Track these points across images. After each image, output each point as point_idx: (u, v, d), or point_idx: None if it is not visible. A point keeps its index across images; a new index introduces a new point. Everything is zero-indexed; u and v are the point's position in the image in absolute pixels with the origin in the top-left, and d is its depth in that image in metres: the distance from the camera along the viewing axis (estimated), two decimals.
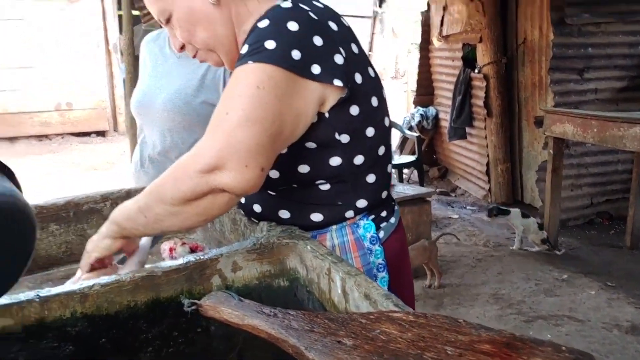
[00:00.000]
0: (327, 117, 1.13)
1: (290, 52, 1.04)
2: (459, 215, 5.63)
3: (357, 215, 1.23)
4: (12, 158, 8.20)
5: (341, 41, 1.14)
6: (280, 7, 1.12)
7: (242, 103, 1.02)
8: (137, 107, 2.14)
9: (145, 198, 1.10)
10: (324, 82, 1.08)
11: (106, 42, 9.30)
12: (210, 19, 1.19)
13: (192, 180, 1.02)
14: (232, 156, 1.00)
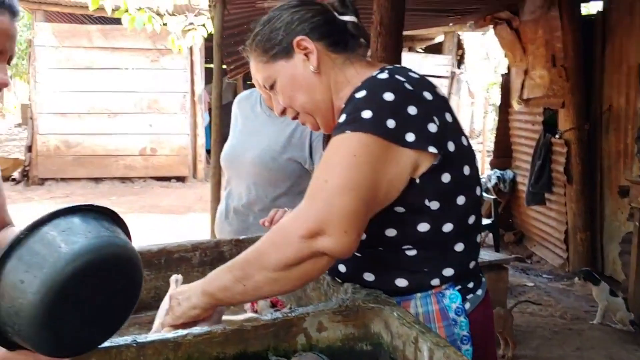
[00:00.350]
0: (417, 182, 1.15)
1: (386, 121, 1.09)
2: (534, 284, 5.42)
3: (443, 284, 1.23)
4: (96, 198, 8.65)
5: (435, 110, 1.17)
6: (377, 78, 1.18)
7: (340, 171, 1.07)
8: (226, 160, 2.25)
9: (241, 266, 1.13)
10: (417, 149, 1.12)
11: (192, 93, 9.78)
12: (311, 85, 1.27)
13: (294, 245, 1.06)
14: (332, 222, 1.05)
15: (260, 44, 1.30)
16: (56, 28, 9.08)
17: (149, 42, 9.18)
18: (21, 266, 0.87)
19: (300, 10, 1.30)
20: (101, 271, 0.93)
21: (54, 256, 0.88)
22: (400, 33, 3.01)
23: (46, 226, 0.91)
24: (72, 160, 9.41)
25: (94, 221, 0.95)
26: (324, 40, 1.27)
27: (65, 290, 0.88)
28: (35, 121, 9.25)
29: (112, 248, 0.94)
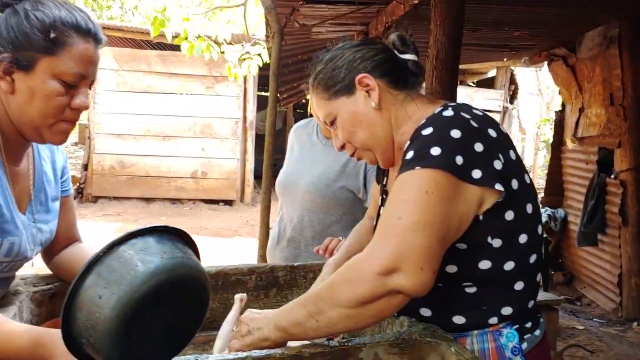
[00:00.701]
0: (481, 219, 1.15)
1: (455, 158, 1.10)
2: (584, 327, 5.23)
3: (501, 322, 1.22)
4: (147, 217, 8.87)
5: (500, 148, 1.18)
6: (443, 115, 1.19)
7: (413, 207, 1.08)
8: (281, 186, 2.29)
9: (314, 302, 1.13)
10: (483, 186, 1.12)
11: (244, 120, 9.99)
12: (372, 121, 1.30)
13: (370, 282, 1.05)
14: (407, 259, 1.04)
15: (322, 82, 1.34)
16: (117, 52, 9.46)
17: (205, 69, 9.46)
18: (100, 282, 0.92)
19: (363, 48, 1.34)
20: (173, 291, 0.97)
21: (130, 274, 0.92)
22: (456, 67, 3.03)
23: (124, 245, 0.95)
24: (126, 180, 9.71)
25: (168, 242, 0.99)
26: (385, 78, 1.31)
27: (139, 308, 0.92)
28: (93, 141, 9.60)
29: (185, 269, 0.98)
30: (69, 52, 1.18)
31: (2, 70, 1.17)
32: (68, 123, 1.24)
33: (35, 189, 1.35)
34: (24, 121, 1.21)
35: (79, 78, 1.20)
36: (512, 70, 9.61)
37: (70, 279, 1.43)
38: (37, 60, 1.17)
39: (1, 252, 1.22)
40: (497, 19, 4.55)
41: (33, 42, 1.16)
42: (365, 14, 4.43)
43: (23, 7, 1.19)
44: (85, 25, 1.21)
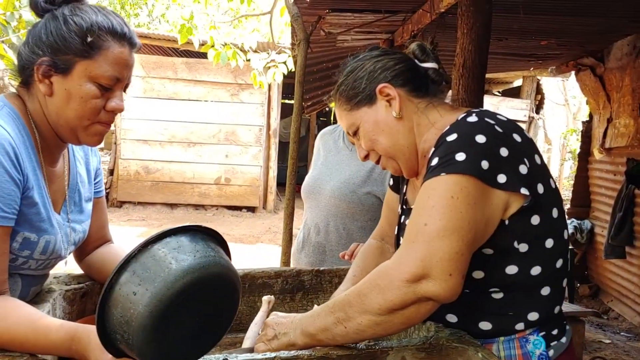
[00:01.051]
0: (507, 224, 1.15)
1: (480, 163, 1.10)
2: (611, 341, 5.14)
3: (528, 329, 1.21)
4: (171, 223, 8.95)
5: (525, 152, 1.18)
6: (467, 121, 1.19)
7: (439, 213, 1.08)
8: (306, 191, 2.31)
9: (342, 308, 1.13)
10: (508, 191, 1.12)
11: (267, 127, 10.05)
12: (393, 130, 1.31)
13: (399, 289, 1.06)
14: (436, 265, 1.04)
15: (344, 93, 1.36)
16: (144, 59, 9.60)
17: (230, 77, 9.55)
18: (135, 279, 0.94)
19: (383, 58, 1.35)
20: (205, 289, 0.99)
21: (164, 272, 0.94)
22: (483, 76, 3.01)
23: (158, 243, 0.98)
24: (151, 185, 9.82)
25: (201, 241, 1.01)
26: (406, 87, 1.32)
27: (172, 305, 0.94)
28: (119, 146, 9.74)
29: (217, 268, 1.00)
30: (105, 56, 1.22)
31: (41, 73, 1.21)
32: (103, 125, 1.28)
33: (69, 189, 1.38)
34: (60, 122, 1.25)
35: (114, 81, 1.24)
36: (538, 80, 9.52)
37: (101, 279, 1.47)
38: (75, 64, 1.20)
39: (37, 250, 1.25)
40: (524, 28, 4.52)
41: (71, 46, 1.20)
42: (392, 22, 4.44)
43: (62, 12, 1.23)
44: (121, 29, 1.25)
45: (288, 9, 4.46)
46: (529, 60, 6.21)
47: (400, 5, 4.03)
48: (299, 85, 4.19)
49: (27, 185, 1.20)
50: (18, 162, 1.17)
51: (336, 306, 1.15)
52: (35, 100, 1.26)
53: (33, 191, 1.22)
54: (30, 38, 1.25)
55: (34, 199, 1.22)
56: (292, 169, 4.21)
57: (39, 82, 1.22)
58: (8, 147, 1.14)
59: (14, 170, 1.15)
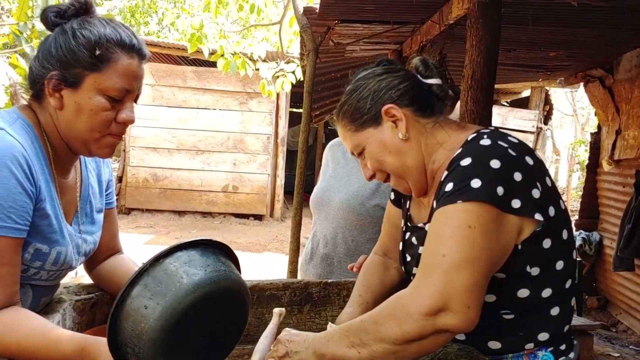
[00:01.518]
0: (519, 249, 1.15)
1: (496, 189, 1.09)
2: (620, 354, 5.10)
3: (536, 347, 1.21)
4: (179, 230, 8.98)
5: (537, 176, 1.17)
6: (480, 144, 1.18)
7: (457, 244, 1.07)
8: (315, 202, 2.31)
9: (357, 334, 1.12)
10: (522, 216, 1.12)
11: (275, 135, 10.08)
12: (401, 151, 1.29)
13: (418, 322, 1.05)
14: (455, 298, 1.04)
15: (347, 114, 1.34)
16: (153, 67, 9.65)
17: (239, 85, 9.59)
18: (146, 293, 0.95)
19: (386, 77, 1.32)
20: (216, 303, 1.00)
21: (175, 286, 0.95)
22: (492, 88, 3.01)
23: (170, 257, 0.98)
24: (159, 192, 9.85)
25: (212, 255, 1.02)
26: (412, 106, 1.29)
27: (183, 319, 0.95)
28: (127, 154, 9.80)
29: (227, 282, 1.01)
30: (114, 68, 1.22)
31: (52, 87, 1.22)
32: (114, 137, 1.28)
33: (81, 200, 1.39)
34: (72, 135, 1.26)
35: (124, 93, 1.24)
36: (546, 91, 9.51)
37: (111, 289, 1.48)
38: (84, 77, 1.21)
39: (49, 261, 1.26)
40: (533, 39, 4.53)
41: (80, 59, 1.21)
42: (400, 33, 4.46)
43: (71, 26, 1.24)
44: (130, 41, 1.25)
45: (297, 20, 4.50)
46: (537, 71, 6.21)
47: (409, 16, 4.05)
48: (308, 95, 4.22)
49: (39, 197, 1.21)
50: (31, 174, 1.18)
51: (351, 331, 1.13)
52: (47, 113, 1.27)
53: (45, 203, 1.23)
54: (40, 52, 1.26)
55: (46, 211, 1.23)
56: (300, 178, 4.23)
57: (50, 96, 1.23)
58: (21, 159, 1.16)
59: (27, 182, 1.16)
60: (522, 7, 3.55)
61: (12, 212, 1.13)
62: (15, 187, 1.14)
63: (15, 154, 1.15)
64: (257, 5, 6.55)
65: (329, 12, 4.02)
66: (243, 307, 1.07)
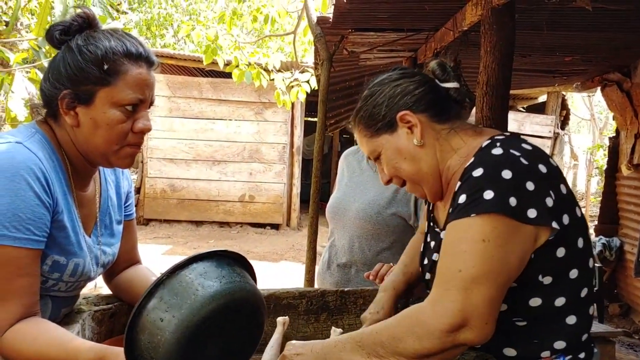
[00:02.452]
0: (532, 257, 1.14)
1: (508, 200, 1.09)
2: None
3: (553, 355, 1.20)
4: (196, 240, 9.02)
5: (551, 184, 1.16)
6: (492, 153, 1.17)
7: (472, 259, 1.08)
8: (331, 212, 2.31)
9: (373, 347, 1.12)
10: (538, 225, 1.11)
11: (291, 145, 10.11)
12: (416, 158, 1.29)
13: (438, 339, 1.06)
14: (473, 314, 1.05)
15: (363, 120, 1.34)
16: (170, 79, 9.75)
17: (254, 96, 9.65)
18: (162, 305, 0.96)
19: (402, 82, 1.32)
20: (231, 314, 1.00)
21: (191, 298, 0.96)
22: (507, 94, 3.00)
23: (185, 269, 0.99)
24: (176, 203, 9.92)
25: (227, 266, 1.03)
26: (427, 112, 1.29)
27: (199, 331, 0.96)
28: (145, 165, 9.88)
29: (242, 293, 1.02)
30: (124, 80, 1.23)
31: (65, 106, 1.23)
32: (132, 147, 1.29)
33: (100, 212, 1.41)
34: (91, 150, 1.27)
35: (137, 102, 1.25)
36: (563, 95, 9.43)
37: (129, 300, 1.49)
38: (96, 93, 1.22)
39: (67, 273, 1.28)
40: (548, 44, 4.50)
41: (89, 76, 1.22)
42: (415, 40, 4.46)
43: (76, 43, 1.24)
44: (136, 50, 1.26)
45: (311, 30, 4.52)
46: (553, 76, 6.16)
47: (423, 23, 4.05)
48: (322, 104, 4.23)
49: (56, 209, 1.22)
50: (48, 186, 1.19)
51: (364, 342, 1.13)
52: (64, 129, 1.28)
53: (63, 215, 1.24)
54: (50, 73, 1.27)
55: (63, 223, 1.25)
56: (316, 187, 4.23)
57: (65, 115, 1.24)
58: (38, 171, 1.17)
59: (44, 194, 1.18)
60: (536, 12, 3.54)
61: (30, 224, 1.15)
62: (32, 199, 1.15)
63: (31, 167, 1.16)
64: (271, 16, 6.59)
65: (343, 21, 4.04)
66: (258, 318, 1.07)
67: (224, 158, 9.91)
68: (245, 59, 6.26)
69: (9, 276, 1.14)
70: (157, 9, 15.04)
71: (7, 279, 1.14)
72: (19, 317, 1.16)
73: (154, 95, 1.32)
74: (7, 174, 1.13)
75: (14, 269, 1.14)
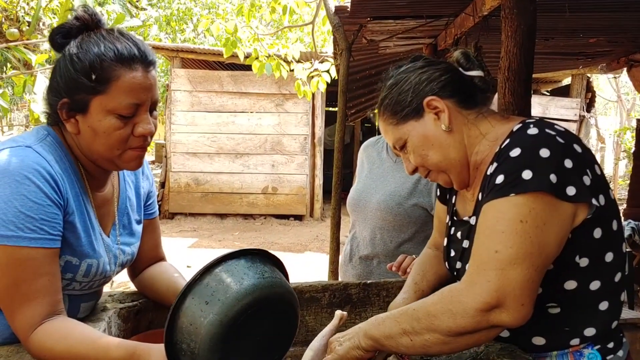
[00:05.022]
0: (570, 237, 1.12)
1: (549, 177, 1.07)
2: None
3: (582, 343, 1.18)
4: (221, 233, 9.10)
5: (586, 163, 1.15)
6: (528, 133, 1.16)
7: (509, 240, 1.06)
8: (352, 204, 2.31)
9: (410, 322, 1.13)
10: (577, 202, 1.10)
11: (312, 136, 10.11)
12: (443, 144, 1.28)
13: (472, 318, 1.06)
14: (509, 295, 1.04)
15: (389, 107, 1.33)
16: (191, 74, 9.80)
17: (275, 87, 9.66)
18: (207, 290, 1.01)
19: (428, 70, 1.31)
20: (269, 308, 1.05)
21: (237, 285, 1.02)
22: (530, 78, 2.95)
23: (230, 261, 1.04)
24: (201, 196, 10.01)
25: (269, 264, 1.08)
26: (454, 98, 1.28)
27: (241, 317, 1.00)
28: (169, 159, 9.98)
29: (281, 288, 1.05)
30: (116, 86, 1.20)
31: (65, 115, 1.23)
32: (135, 150, 1.27)
33: (119, 213, 1.42)
34: (94, 156, 1.27)
35: (134, 108, 1.22)
36: (588, 78, 9.26)
37: (154, 296, 1.51)
38: (90, 101, 1.20)
39: (79, 273, 1.29)
40: (571, 26, 4.41)
41: (81, 86, 1.20)
42: (434, 27, 4.41)
43: (69, 52, 1.22)
44: (129, 52, 1.21)
45: (329, 20, 4.49)
46: (577, 58, 6.05)
47: (442, 10, 4.00)
48: (342, 94, 4.21)
49: (67, 210, 1.23)
50: (58, 187, 1.20)
51: (402, 317, 1.15)
52: (69, 135, 1.28)
53: (74, 216, 1.25)
54: (50, 81, 1.26)
55: (74, 224, 1.25)
56: (337, 178, 4.22)
57: (66, 123, 1.25)
58: (45, 173, 1.18)
59: (54, 194, 1.19)
60: None
61: (44, 224, 1.17)
62: (43, 199, 1.16)
63: (38, 169, 1.17)
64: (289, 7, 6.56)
65: (361, 9, 4.00)
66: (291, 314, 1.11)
67: (246, 151, 9.96)
68: (265, 50, 6.25)
69: (30, 277, 1.16)
70: (177, 4, 15.12)
71: (29, 280, 1.16)
72: (45, 316, 1.18)
73: (155, 96, 1.27)
74: (17, 177, 1.15)
75: (34, 269, 1.16)
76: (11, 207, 1.13)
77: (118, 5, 2.75)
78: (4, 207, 1.13)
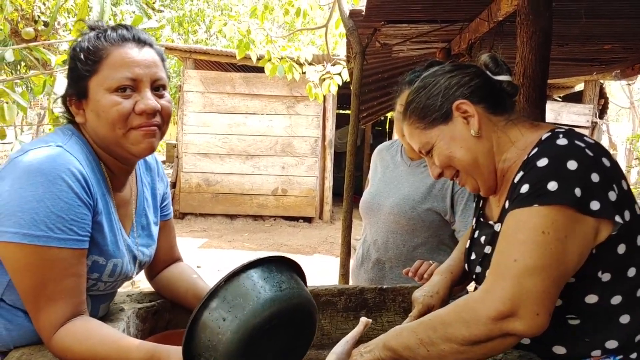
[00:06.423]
0: (594, 253, 1.12)
1: (573, 191, 1.07)
2: None
3: (604, 354, 1.17)
4: (231, 234, 9.12)
5: (614, 178, 1.14)
6: (557, 144, 1.15)
7: (529, 250, 1.06)
8: (365, 208, 2.31)
9: (427, 332, 1.13)
10: (600, 218, 1.09)
11: (323, 138, 10.11)
12: (471, 148, 1.26)
13: (485, 326, 1.06)
14: (524, 304, 1.04)
15: (416, 111, 1.32)
16: (203, 75, 9.83)
17: (287, 89, 9.68)
18: (225, 305, 0.99)
19: (457, 74, 1.30)
20: (288, 318, 1.03)
21: (253, 300, 0.99)
22: (544, 84, 2.94)
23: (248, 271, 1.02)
24: (211, 197, 10.04)
25: (286, 272, 1.07)
26: (484, 103, 1.27)
27: (259, 333, 0.99)
28: (181, 160, 10.02)
29: (299, 299, 1.05)
30: (107, 64, 1.25)
31: (74, 106, 1.28)
32: (138, 129, 1.26)
33: (137, 214, 1.43)
34: (103, 142, 1.29)
35: (129, 81, 1.24)
36: (601, 84, 9.20)
37: (171, 297, 1.52)
38: (88, 85, 1.25)
39: (106, 273, 1.31)
40: (586, 32, 4.39)
41: (78, 72, 1.26)
42: (448, 31, 4.40)
43: (73, 47, 1.30)
44: (119, 34, 1.27)
45: (344, 23, 4.50)
46: (591, 64, 6.02)
47: (457, 14, 4.00)
48: (355, 97, 4.21)
49: (96, 210, 1.25)
50: (88, 187, 1.21)
51: (420, 328, 1.15)
52: (87, 132, 1.32)
53: (101, 216, 1.27)
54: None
55: (102, 224, 1.27)
56: (349, 181, 4.23)
57: (76, 115, 1.29)
58: (77, 173, 1.19)
59: (85, 195, 1.20)
60: (574, 0, 3.46)
61: (73, 225, 1.18)
62: (74, 200, 1.18)
63: (71, 169, 1.19)
64: (302, 9, 6.58)
65: (375, 13, 4.01)
66: (310, 323, 1.10)
67: (257, 152, 9.98)
68: (278, 52, 6.27)
69: (57, 277, 1.17)
70: (189, 5, 15.18)
71: (56, 280, 1.17)
72: (68, 317, 1.19)
73: (160, 75, 1.29)
74: (50, 177, 1.16)
75: (62, 270, 1.17)
76: (43, 207, 1.15)
77: (135, 6, 2.77)
78: (36, 206, 1.14)
